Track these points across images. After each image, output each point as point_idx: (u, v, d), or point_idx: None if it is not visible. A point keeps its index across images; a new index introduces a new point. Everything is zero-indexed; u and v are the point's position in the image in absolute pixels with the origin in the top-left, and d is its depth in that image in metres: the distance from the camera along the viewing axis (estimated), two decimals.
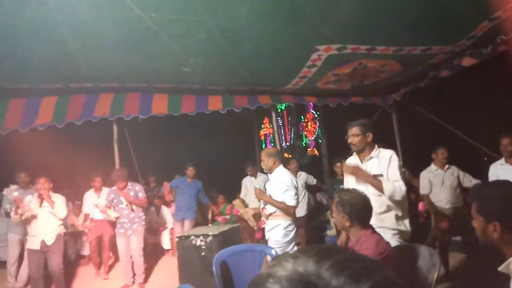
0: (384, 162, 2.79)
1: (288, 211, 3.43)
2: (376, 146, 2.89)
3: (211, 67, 4.45)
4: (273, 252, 3.24)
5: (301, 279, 0.44)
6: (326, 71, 4.70)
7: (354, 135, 2.85)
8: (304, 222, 5.97)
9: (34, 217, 4.43)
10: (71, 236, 6.15)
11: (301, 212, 5.86)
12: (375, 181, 2.72)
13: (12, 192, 4.37)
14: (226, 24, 3.35)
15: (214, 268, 3.01)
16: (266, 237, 3.58)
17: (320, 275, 0.44)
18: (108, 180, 5.66)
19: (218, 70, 4.57)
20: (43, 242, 4.43)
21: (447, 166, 4.50)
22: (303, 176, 6.15)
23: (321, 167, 8.79)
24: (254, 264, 3.25)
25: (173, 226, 6.44)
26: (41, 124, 5.05)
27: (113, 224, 5.26)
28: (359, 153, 2.93)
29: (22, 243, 4.95)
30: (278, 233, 3.44)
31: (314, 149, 9.60)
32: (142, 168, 7.53)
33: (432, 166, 4.55)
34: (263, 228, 3.80)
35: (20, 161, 5.82)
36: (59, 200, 4.58)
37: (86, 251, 6.29)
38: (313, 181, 6.33)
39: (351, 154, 3.03)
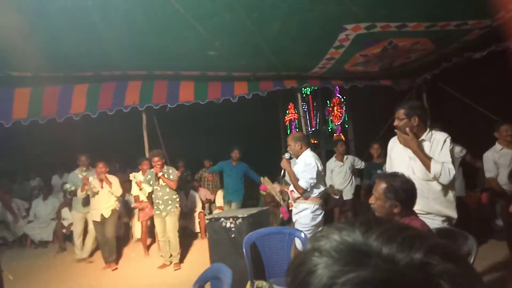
0: (436, 145, 2.63)
1: (298, 190, 3.42)
2: (428, 128, 2.71)
3: (237, 50, 4.43)
4: (302, 235, 3.24)
5: (351, 249, 0.42)
6: (354, 52, 4.56)
7: (398, 118, 2.70)
8: (351, 206, 5.90)
9: (96, 193, 5.24)
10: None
11: (348, 195, 5.84)
12: (425, 157, 2.55)
13: (81, 172, 5.51)
14: (252, 3, 3.31)
15: (244, 250, 3.05)
16: (294, 220, 3.58)
17: (369, 244, 0.42)
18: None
19: (244, 53, 4.54)
20: (102, 215, 5.27)
21: None
22: (350, 159, 5.93)
23: (348, 152, 8.63)
24: (283, 246, 3.26)
25: (202, 210, 6.59)
26: (76, 113, 5.25)
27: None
28: None
29: (85, 219, 5.75)
30: (305, 217, 3.44)
31: (341, 134, 9.45)
32: (171, 154, 7.67)
33: (497, 146, 4.07)
34: (291, 210, 3.80)
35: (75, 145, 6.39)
36: (115, 180, 5.35)
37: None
38: (361, 164, 5.95)
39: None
